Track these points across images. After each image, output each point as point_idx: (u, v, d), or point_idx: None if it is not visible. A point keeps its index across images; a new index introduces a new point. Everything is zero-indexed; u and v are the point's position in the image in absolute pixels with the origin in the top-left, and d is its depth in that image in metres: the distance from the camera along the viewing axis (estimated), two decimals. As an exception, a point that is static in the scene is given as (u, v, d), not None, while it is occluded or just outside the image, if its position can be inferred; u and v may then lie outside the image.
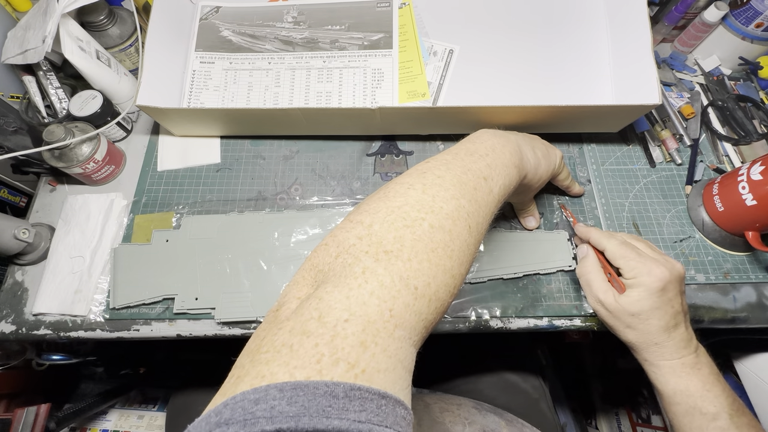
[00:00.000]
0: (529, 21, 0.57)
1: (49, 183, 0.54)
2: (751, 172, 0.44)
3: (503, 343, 0.63)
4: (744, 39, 0.58)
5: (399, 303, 0.22)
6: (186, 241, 0.49)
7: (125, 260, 0.48)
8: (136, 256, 0.49)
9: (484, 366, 0.59)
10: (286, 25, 0.58)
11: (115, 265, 0.48)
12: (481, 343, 0.63)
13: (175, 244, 0.49)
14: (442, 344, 0.67)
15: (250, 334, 0.46)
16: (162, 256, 0.49)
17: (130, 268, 0.48)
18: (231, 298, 0.47)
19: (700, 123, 0.57)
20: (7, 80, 0.55)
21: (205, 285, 0.47)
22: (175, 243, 0.49)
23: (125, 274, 0.48)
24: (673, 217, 0.51)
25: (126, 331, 0.46)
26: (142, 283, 0.47)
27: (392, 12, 0.58)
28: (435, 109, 0.49)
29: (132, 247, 0.49)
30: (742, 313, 0.47)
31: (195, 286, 0.47)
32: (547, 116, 0.51)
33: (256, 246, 0.49)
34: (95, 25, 0.53)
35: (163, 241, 0.49)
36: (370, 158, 0.56)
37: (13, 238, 0.45)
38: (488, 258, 0.48)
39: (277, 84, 0.55)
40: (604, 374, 0.94)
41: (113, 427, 0.76)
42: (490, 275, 0.48)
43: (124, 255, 0.49)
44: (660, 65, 0.62)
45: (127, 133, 0.57)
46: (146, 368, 0.88)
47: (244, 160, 0.56)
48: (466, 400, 0.50)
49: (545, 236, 0.50)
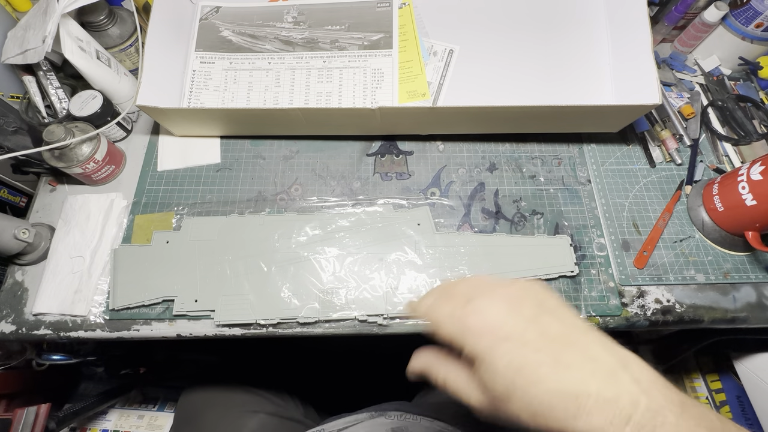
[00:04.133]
0: (529, 21, 0.57)
1: (49, 183, 0.54)
2: (751, 172, 0.44)
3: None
4: (744, 39, 0.58)
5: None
6: (186, 242, 0.49)
7: (125, 261, 0.48)
8: (136, 257, 0.49)
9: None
10: (286, 25, 0.58)
11: (115, 266, 0.48)
12: None
13: (175, 245, 0.49)
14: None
15: (250, 335, 0.46)
16: (162, 258, 0.48)
17: (129, 269, 0.48)
18: (231, 300, 0.46)
19: (700, 123, 0.57)
20: (7, 80, 0.55)
21: (205, 287, 0.47)
22: (176, 244, 0.49)
23: (125, 275, 0.48)
24: (673, 217, 0.51)
25: (126, 331, 0.46)
26: (142, 284, 0.47)
27: (392, 12, 0.58)
28: (435, 109, 0.49)
29: (132, 248, 0.49)
30: (742, 313, 0.47)
31: (195, 288, 0.47)
32: (547, 116, 0.51)
33: (257, 248, 0.49)
34: (95, 25, 0.53)
35: (164, 242, 0.49)
36: (370, 158, 0.56)
37: (13, 238, 0.45)
38: (489, 264, 0.48)
39: (277, 84, 0.55)
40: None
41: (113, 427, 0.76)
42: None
43: (124, 256, 0.49)
44: (660, 65, 0.62)
45: (127, 133, 0.57)
46: (146, 368, 0.88)
47: (244, 160, 0.55)
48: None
49: (547, 241, 0.50)
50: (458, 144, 0.56)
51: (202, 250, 0.49)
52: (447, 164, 0.55)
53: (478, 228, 0.51)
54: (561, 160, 0.55)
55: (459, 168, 0.55)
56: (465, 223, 0.51)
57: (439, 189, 0.53)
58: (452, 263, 0.49)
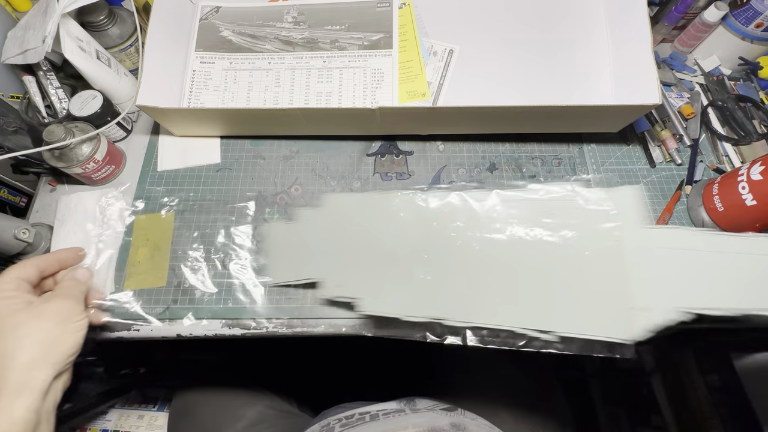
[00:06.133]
0: (529, 21, 0.57)
1: (49, 183, 0.54)
2: (751, 172, 0.44)
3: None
4: (744, 39, 0.58)
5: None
6: (330, 221, 0.44)
7: (276, 237, 0.47)
8: (283, 235, 0.47)
9: (488, 366, 0.59)
10: (286, 25, 0.58)
11: (270, 242, 0.47)
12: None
13: (319, 224, 0.44)
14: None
15: (250, 335, 0.46)
16: (306, 236, 0.45)
17: (280, 246, 0.46)
18: (384, 289, 0.39)
19: (700, 123, 0.57)
20: (7, 80, 0.55)
21: (354, 271, 0.41)
22: (320, 223, 0.44)
23: (278, 252, 0.46)
24: (674, 217, 0.51)
25: (126, 331, 0.46)
26: (292, 262, 0.45)
27: (392, 12, 0.58)
28: (435, 109, 0.49)
29: (280, 225, 0.48)
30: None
31: (339, 271, 0.42)
32: (547, 116, 0.51)
33: (422, 233, 0.40)
34: (95, 25, 0.53)
35: (308, 220, 0.45)
36: (370, 158, 0.56)
37: (13, 238, 0.45)
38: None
39: (277, 84, 0.55)
40: (604, 374, 0.94)
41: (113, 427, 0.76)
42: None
43: (275, 233, 0.48)
44: (660, 65, 0.62)
45: (127, 133, 0.57)
46: (146, 368, 0.88)
47: (244, 160, 0.56)
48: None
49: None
50: (458, 144, 0.56)
51: (349, 230, 0.43)
52: (447, 164, 0.55)
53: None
54: (561, 160, 0.55)
55: (459, 168, 0.55)
56: (465, 223, 0.51)
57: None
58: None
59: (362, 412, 0.48)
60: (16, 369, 0.30)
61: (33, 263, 0.37)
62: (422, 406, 0.49)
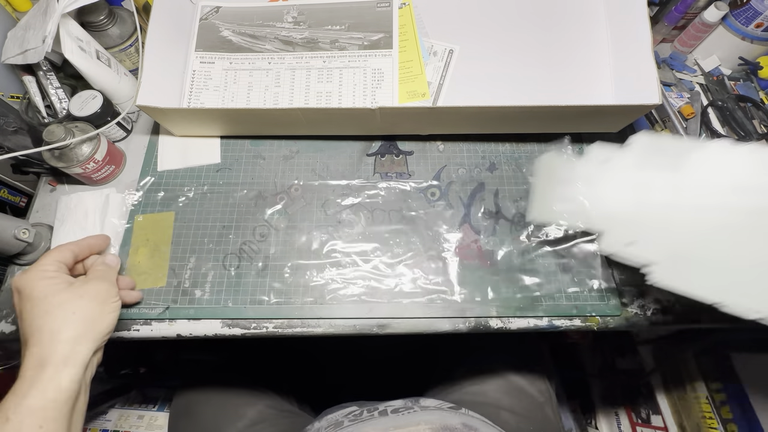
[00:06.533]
0: (529, 21, 0.57)
1: (49, 183, 0.54)
2: (751, 172, 0.44)
3: (510, 343, 0.63)
4: (744, 39, 0.58)
5: None
6: (635, 166, 0.36)
7: (546, 172, 0.40)
8: (557, 169, 0.40)
9: (490, 367, 0.59)
10: (286, 25, 0.58)
11: (540, 176, 0.41)
12: (487, 344, 0.62)
13: (619, 165, 0.37)
14: (446, 345, 0.67)
15: (250, 335, 0.46)
16: (582, 175, 0.38)
17: (547, 181, 0.40)
18: (710, 265, 0.32)
19: (700, 123, 0.57)
20: (7, 80, 0.55)
21: (658, 234, 0.33)
22: (621, 164, 0.37)
23: (544, 186, 0.40)
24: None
25: (126, 331, 0.46)
26: (556, 202, 0.38)
27: (392, 12, 0.58)
28: (435, 109, 0.49)
29: (555, 158, 0.41)
30: (742, 313, 0.47)
31: (630, 225, 0.34)
32: (547, 116, 0.51)
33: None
34: (95, 25, 0.53)
35: (606, 161, 0.37)
36: (370, 158, 0.56)
37: (13, 238, 0.45)
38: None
39: (277, 84, 0.55)
40: (604, 374, 0.94)
41: (113, 427, 0.76)
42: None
43: (546, 165, 0.41)
44: (660, 65, 0.62)
45: (127, 133, 0.57)
46: (146, 368, 0.88)
47: (244, 160, 0.55)
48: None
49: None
50: (458, 144, 0.56)
51: (658, 179, 0.35)
52: (447, 164, 0.55)
53: (478, 228, 0.51)
54: (561, 160, 0.55)
55: (459, 168, 0.55)
56: (465, 223, 0.51)
57: (439, 189, 0.53)
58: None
59: (370, 408, 0.48)
60: (63, 342, 0.33)
61: (68, 248, 0.40)
62: (429, 404, 0.49)
